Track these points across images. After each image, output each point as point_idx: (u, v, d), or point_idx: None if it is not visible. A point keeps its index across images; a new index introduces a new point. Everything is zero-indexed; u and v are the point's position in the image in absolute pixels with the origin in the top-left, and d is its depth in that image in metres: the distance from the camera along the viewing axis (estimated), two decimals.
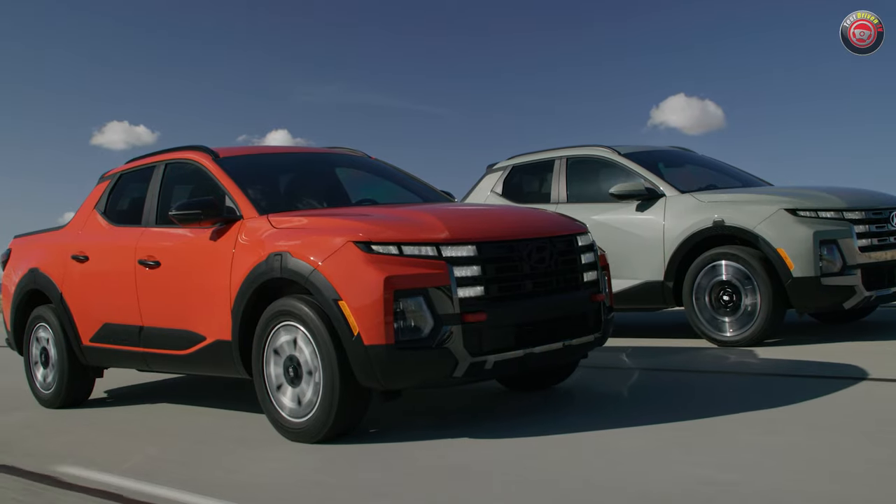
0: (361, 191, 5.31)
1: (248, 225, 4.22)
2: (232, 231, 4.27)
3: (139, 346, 4.85)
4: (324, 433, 3.75)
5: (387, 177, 5.39)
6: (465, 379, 3.68)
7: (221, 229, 4.31)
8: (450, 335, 3.56)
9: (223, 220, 4.32)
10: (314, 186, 5.15)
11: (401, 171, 5.48)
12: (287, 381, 3.90)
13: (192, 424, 4.70)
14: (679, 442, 3.36)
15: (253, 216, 4.25)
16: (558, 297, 3.96)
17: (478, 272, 3.66)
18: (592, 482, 2.92)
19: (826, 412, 3.70)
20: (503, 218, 4.21)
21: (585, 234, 4.24)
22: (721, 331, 5.89)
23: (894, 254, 5.82)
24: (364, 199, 5.12)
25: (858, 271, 5.58)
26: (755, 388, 4.56)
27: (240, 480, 3.37)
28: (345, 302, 3.59)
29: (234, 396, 5.30)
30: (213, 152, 4.80)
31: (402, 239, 3.66)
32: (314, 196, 5.04)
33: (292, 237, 3.93)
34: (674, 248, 6.15)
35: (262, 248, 4.03)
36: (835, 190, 6.01)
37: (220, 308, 4.22)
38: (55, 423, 5.17)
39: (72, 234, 5.53)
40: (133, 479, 3.46)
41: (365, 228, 3.73)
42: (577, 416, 4.05)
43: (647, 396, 4.52)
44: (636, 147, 7.11)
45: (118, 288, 4.94)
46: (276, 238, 4.00)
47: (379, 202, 5.07)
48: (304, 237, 3.88)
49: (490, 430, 3.84)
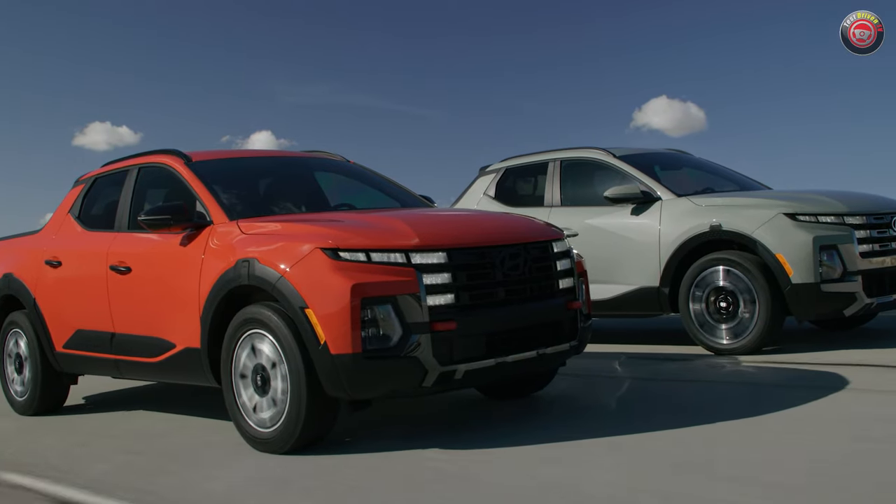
0: (340, 195, 5.23)
1: (218, 230, 4.14)
2: (202, 237, 4.19)
3: (111, 353, 4.77)
4: (291, 444, 3.67)
5: (365, 181, 5.31)
6: (435, 389, 3.59)
7: (192, 235, 4.23)
8: (419, 344, 3.47)
9: (193, 226, 4.24)
10: (291, 191, 5.07)
11: (379, 176, 5.40)
12: (255, 391, 3.82)
13: (163, 433, 4.61)
14: (654, 453, 3.28)
15: (223, 222, 4.18)
16: (532, 305, 3.87)
17: (448, 279, 3.58)
18: (567, 491, 2.84)
19: (810, 424, 3.62)
20: (476, 224, 4.13)
21: (561, 241, 4.16)
22: (718, 338, 5.73)
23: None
24: (342, 204, 5.05)
25: (859, 278, 5.42)
26: (744, 398, 4.45)
27: (199, 492, 3.29)
28: (311, 310, 3.51)
29: (211, 403, 5.22)
30: (185, 156, 4.72)
31: (371, 245, 3.58)
32: (291, 201, 4.96)
33: (261, 243, 3.85)
34: (670, 253, 6.00)
35: (231, 254, 3.95)
36: (835, 194, 5.87)
37: (189, 315, 4.13)
38: (26, 430, 5.09)
39: (46, 239, 5.45)
40: (88, 490, 3.37)
41: (333, 235, 3.65)
42: (560, 426, 3.96)
43: (631, 406, 4.43)
44: (631, 149, 6.99)
45: (90, 294, 4.86)
46: (244, 244, 3.92)
47: (357, 207, 5.01)
48: (273, 243, 3.80)
49: (467, 441, 3.76)
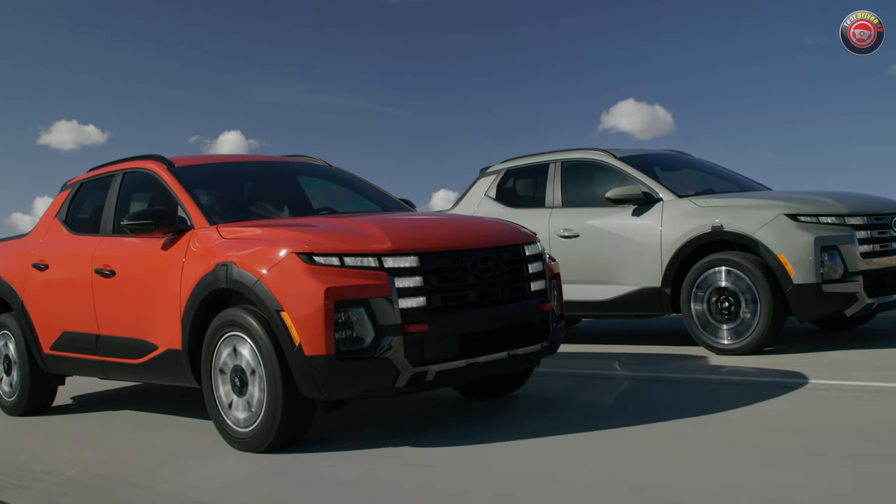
0: (322, 199, 5.33)
1: (199, 234, 4.24)
2: (183, 241, 4.28)
3: (96, 355, 4.87)
4: (268, 443, 3.77)
5: (346, 185, 5.41)
6: (407, 389, 3.70)
7: (173, 239, 4.33)
8: (391, 346, 3.58)
9: (175, 230, 4.34)
10: (273, 195, 5.17)
11: (360, 180, 5.50)
12: (234, 391, 3.92)
13: (148, 433, 4.72)
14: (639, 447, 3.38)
15: (203, 226, 4.27)
16: (503, 307, 3.97)
17: (420, 283, 3.68)
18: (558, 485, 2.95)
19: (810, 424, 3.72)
20: (448, 228, 4.23)
21: (534, 244, 4.26)
22: (719, 338, 5.76)
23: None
24: (324, 208, 5.15)
25: (860, 278, 5.46)
26: (740, 397, 4.41)
27: (178, 493, 3.38)
28: (287, 312, 3.61)
29: (196, 406, 5.32)
30: (168, 161, 4.82)
31: (345, 250, 3.68)
32: (273, 205, 5.06)
33: (239, 248, 3.95)
34: (671, 254, 6.02)
35: (210, 257, 4.05)
36: (835, 195, 5.91)
37: (170, 317, 4.23)
38: (11, 431, 5.18)
39: (33, 243, 5.55)
40: (69, 490, 3.47)
41: (308, 240, 3.75)
42: (548, 422, 4.07)
43: (622, 404, 4.52)
44: (632, 150, 7.03)
45: (76, 296, 4.96)
46: (224, 248, 4.02)
47: (339, 210, 5.11)
48: (250, 248, 3.90)
49: (440, 439, 3.86)
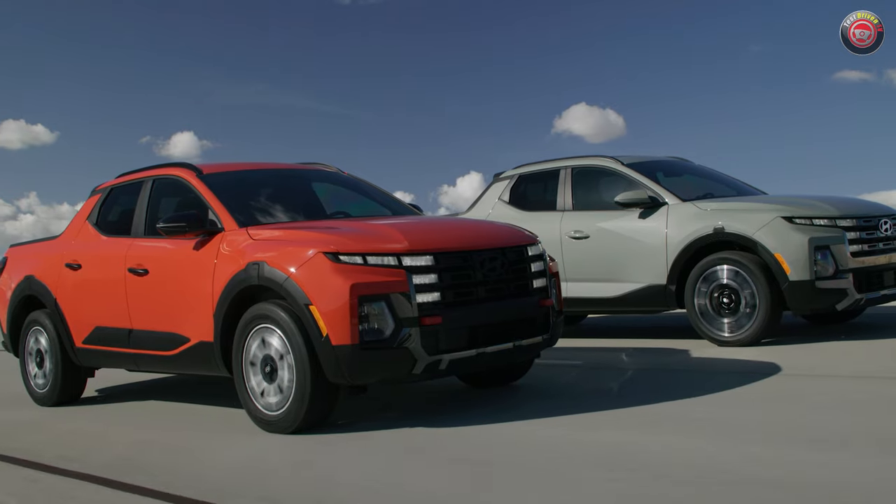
0: (336, 204, 5.73)
1: (229, 237, 4.64)
2: (214, 242, 4.68)
3: (129, 348, 5.25)
4: (297, 425, 4.17)
5: (358, 191, 5.82)
6: (423, 376, 4.11)
7: (205, 240, 4.72)
8: (409, 336, 3.99)
9: (206, 232, 4.74)
10: (291, 200, 5.55)
11: (371, 185, 5.91)
12: (264, 378, 4.32)
13: (173, 419, 5.12)
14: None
15: (233, 228, 4.67)
16: (509, 302, 4.39)
17: (434, 280, 4.09)
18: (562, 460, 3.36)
19: None
20: (459, 230, 4.65)
21: (535, 245, 4.68)
22: (721, 331, 6.23)
23: (883, 259, 6.28)
24: (338, 212, 5.55)
25: (850, 275, 5.99)
26: (737, 382, 4.75)
27: (210, 470, 3.78)
28: (315, 306, 4.02)
29: (218, 394, 5.71)
30: (197, 169, 5.21)
31: (367, 250, 4.09)
32: (292, 209, 5.43)
33: (269, 248, 4.35)
34: (676, 254, 6.51)
35: (241, 257, 4.45)
36: (827, 199, 6.44)
37: (203, 312, 4.63)
38: (46, 419, 5.56)
39: (65, 244, 5.93)
40: (105, 472, 3.83)
41: (334, 241, 4.16)
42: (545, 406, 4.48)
43: (623, 391, 4.94)
44: (637, 157, 7.51)
45: (109, 294, 5.34)
46: (254, 249, 4.42)
47: (351, 214, 5.51)
48: (280, 248, 4.30)
49: (455, 421, 4.27)
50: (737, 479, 2.88)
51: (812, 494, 2.68)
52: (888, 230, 6.36)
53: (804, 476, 2.87)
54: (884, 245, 6.32)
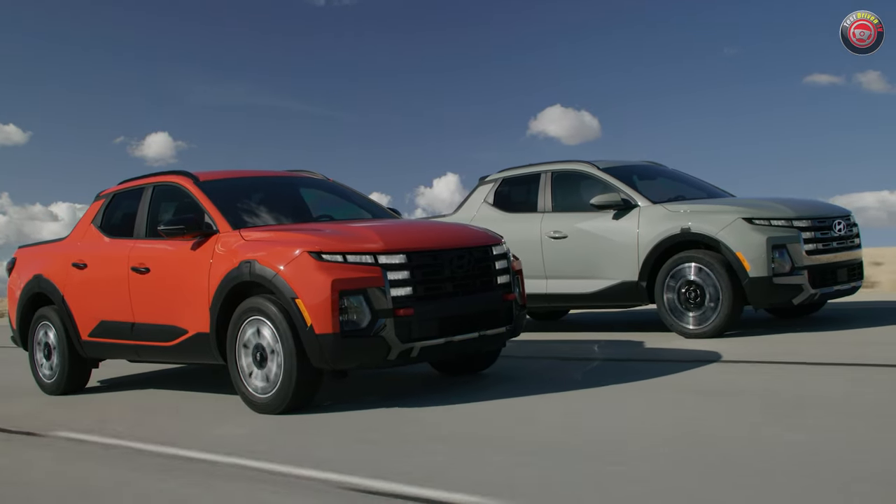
0: (321, 208, 6.23)
1: (223, 238, 5.13)
2: (210, 243, 5.18)
3: (131, 340, 5.74)
4: (284, 406, 4.67)
5: (341, 196, 6.33)
6: (398, 362, 4.62)
7: (201, 241, 5.22)
8: (384, 326, 4.49)
9: (202, 234, 5.23)
10: (280, 205, 6.04)
11: (353, 191, 6.42)
12: (255, 365, 4.81)
13: (172, 402, 5.62)
14: None
15: (227, 230, 5.17)
16: (475, 296, 4.90)
17: (407, 276, 4.60)
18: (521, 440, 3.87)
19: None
20: (429, 232, 5.16)
21: (500, 245, 5.19)
22: (687, 324, 6.77)
23: (836, 257, 6.82)
24: (323, 215, 6.05)
25: (805, 272, 6.55)
26: (692, 370, 5.29)
27: (206, 439, 4.28)
28: (301, 300, 4.52)
29: (213, 383, 6.21)
30: (194, 176, 5.71)
31: (347, 249, 4.60)
32: (280, 213, 5.92)
33: (259, 248, 4.85)
34: (646, 252, 7.03)
35: (234, 257, 4.95)
36: (785, 201, 6.99)
37: (199, 306, 5.12)
38: (58, 404, 6.05)
39: (72, 245, 6.42)
40: (119, 439, 4.36)
41: (318, 241, 4.67)
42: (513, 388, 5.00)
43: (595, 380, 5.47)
44: (613, 162, 8.03)
45: (113, 290, 5.83)
46: (246, 249, 4.92)
47: (335, 217, 6.01)
48: (269, 248, 4.80)
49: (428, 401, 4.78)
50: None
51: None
52: (841, 230, 6.90)
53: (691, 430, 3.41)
54: (837, 244, 6.86)
